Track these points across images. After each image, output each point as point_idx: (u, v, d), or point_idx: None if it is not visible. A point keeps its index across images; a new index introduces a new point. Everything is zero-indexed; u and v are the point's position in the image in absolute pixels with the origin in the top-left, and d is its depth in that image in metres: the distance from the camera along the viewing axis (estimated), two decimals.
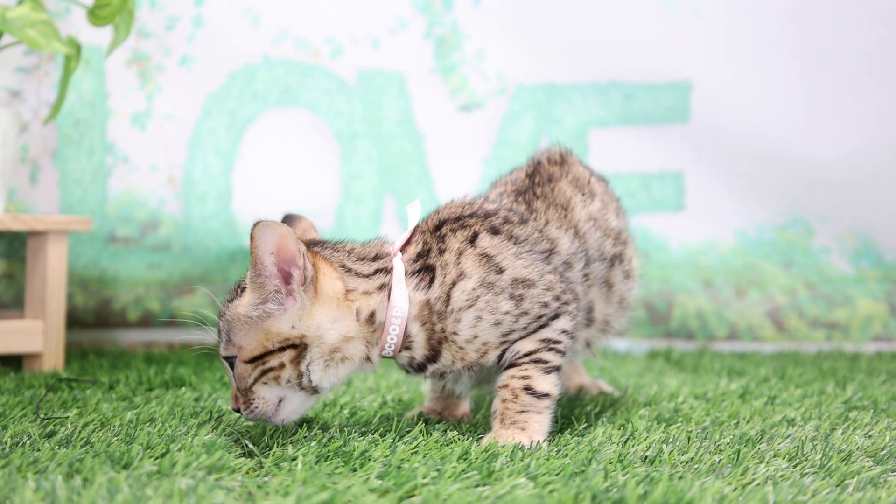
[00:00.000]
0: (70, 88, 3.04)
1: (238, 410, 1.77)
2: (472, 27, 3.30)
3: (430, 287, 1.83)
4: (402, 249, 1.87)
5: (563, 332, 1.90)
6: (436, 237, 1.88)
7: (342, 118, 3.24)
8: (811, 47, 3.36)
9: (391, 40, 3.27)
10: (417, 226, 1.92)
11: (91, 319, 3.09)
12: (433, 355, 1.84)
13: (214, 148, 3.16)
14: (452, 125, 3.30)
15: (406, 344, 1.83)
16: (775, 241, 3.41)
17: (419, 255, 1.86)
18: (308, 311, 1.75)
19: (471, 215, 1.92)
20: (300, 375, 1.75)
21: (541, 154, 2.16)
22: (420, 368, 1.87)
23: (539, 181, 2.06)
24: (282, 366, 1.74)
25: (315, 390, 1.78)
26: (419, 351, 1.84)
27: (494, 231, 1.89)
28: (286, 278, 1.73)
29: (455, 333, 1.82)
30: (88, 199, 3.07)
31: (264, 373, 1.75)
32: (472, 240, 1.86)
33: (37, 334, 2.61)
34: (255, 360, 1.74)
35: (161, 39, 3.13)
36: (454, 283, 1.82)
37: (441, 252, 1.85)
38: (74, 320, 3.07)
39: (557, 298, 1.88)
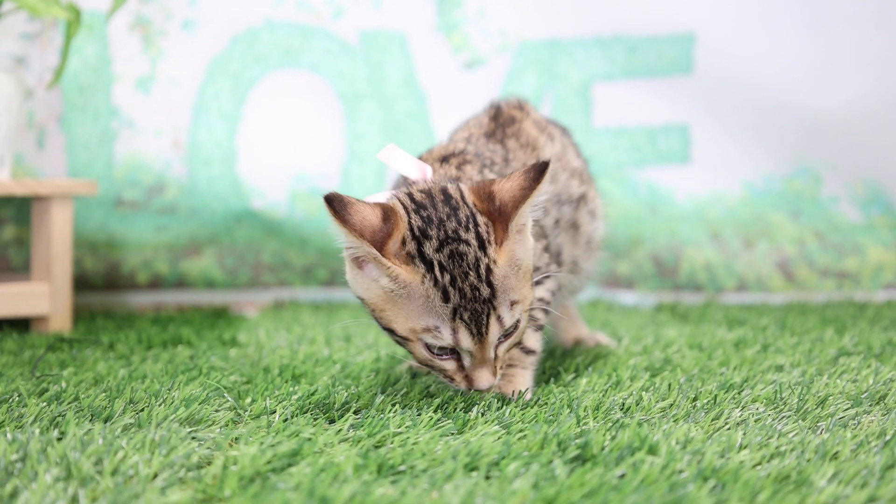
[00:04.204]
0: (74, 54, 3.07)
1: (483, 389, 1.64)
2: None
3: None
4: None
5: (552, 291, 1.91)
6: (453, 167, 1.85)
7: (345, 79, 3.25)
8: None
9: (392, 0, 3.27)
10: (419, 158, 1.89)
11: (101, 282, 3.13)
12: None
13: (219, 111, 3.18)
14: (456, 83, 3.30)
15: None
16: (783, 191, 3.40)
17: None
18: None
19: (462, 152, 1.91)
20: None
21: (498, 101, 2.16)
22: None
23: (504, 122, 2.07)
24: None
25: None
26: None
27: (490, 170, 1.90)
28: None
29: None
30: (95, 163, 3.10)
31: None
32: (482, 173, 1.86)
33: (43, 297, 2.65)
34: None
35: (163, 4, 3.14)
36: None
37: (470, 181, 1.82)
38: (84, 283, 3.11)
39: (546, 249, 1.90)
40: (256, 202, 3.18)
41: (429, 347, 1.61)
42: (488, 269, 1.58)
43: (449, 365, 1.63)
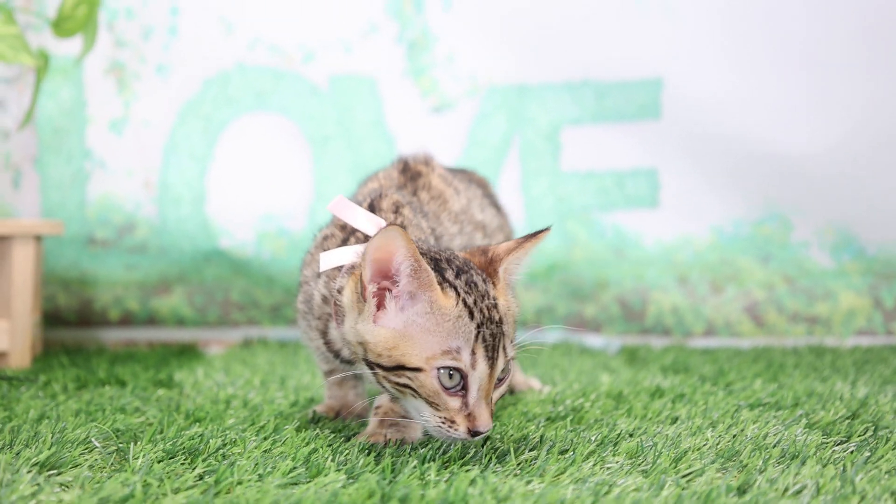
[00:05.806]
0: (49, 97, 3.18)
1: (479, 433, 1.68)
2: (443, 30, 3.36)
3: None
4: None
5: None
6: (390, 213, 1.90)
7: (315, 122, 3.33)
8: (783, 41, 3.35)
9: (363, 44, 3.34)
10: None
11: (73, 318, 3.23)
12: None
13: (189, 152, 3.27)
14: (424, 127, 3.36)
15: None
16: (752, 236, 3.40)
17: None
18: None
19: (383, 196, 1.95)
20: None
21: (405, 156, 2.21)
22: None
23: (412, 175, 2.12)
24: None
25: None
26: None
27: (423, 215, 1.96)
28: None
29: None
30: (68, 203, 3.21)
31: None
32: (416, 217, 1.92)
33: (2, 334, 2.74)
34: None
35: (137, 48, 3.25)
36: None
37: (416, 227, 1.89)
38: (57, 319, 3.21)
39: None
40: (225, 241, 3.26)
41: (440, 381, 1.66)
42: (495, 300, 1.69)
43: (454, 403, 1.67)
